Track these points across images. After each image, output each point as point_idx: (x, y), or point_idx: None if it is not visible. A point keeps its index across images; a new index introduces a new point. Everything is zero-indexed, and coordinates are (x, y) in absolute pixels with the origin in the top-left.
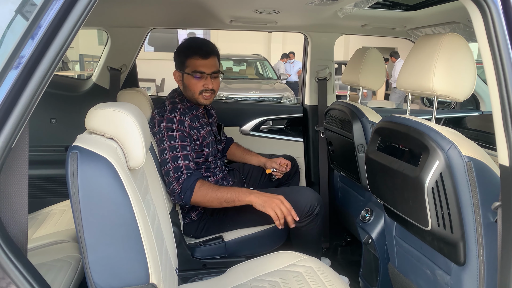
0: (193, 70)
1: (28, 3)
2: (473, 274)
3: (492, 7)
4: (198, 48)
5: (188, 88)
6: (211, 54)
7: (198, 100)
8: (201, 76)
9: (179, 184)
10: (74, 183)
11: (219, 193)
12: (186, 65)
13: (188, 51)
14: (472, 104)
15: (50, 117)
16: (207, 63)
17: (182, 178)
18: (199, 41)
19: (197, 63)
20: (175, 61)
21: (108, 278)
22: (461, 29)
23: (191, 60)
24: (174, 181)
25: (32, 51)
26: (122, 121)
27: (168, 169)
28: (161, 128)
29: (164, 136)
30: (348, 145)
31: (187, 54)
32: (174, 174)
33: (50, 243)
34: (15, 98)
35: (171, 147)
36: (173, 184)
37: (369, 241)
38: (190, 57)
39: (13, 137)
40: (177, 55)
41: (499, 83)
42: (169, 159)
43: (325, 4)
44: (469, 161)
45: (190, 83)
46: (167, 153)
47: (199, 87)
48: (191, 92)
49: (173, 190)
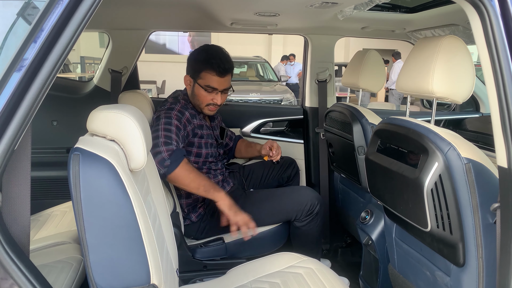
0: (207, 84)
1: (29, 6)
2: (472, 275)
3: (490, 10)
4: (217, 64)
5: (196, 98)
6: (228, 72)
7: (202, 110)
8: (212, 91)
9: (168, 150)
10: (76, 185)
11: (201, 177)
12: (201, 77)
13: (206, 63)
14: (471, 106)
15: (52, 119)
16: (222, 81)
17: (172, 147)
18: (219, 56)
19: (213, 79)
20: (189, 65)
21: (110, 279)
22: (461, 31)
23: (207, 74)
24: (163, 146)
25: (35, 54)
26: (123, 123)
27: (158, 135)
28: (160, 114)
29: (162, 116)
30: (348, 147)
31: (204, 66)
32: (164, 140)
33: (51, 245)
34: (18, 101)
35: (166, 122)
36: (160, 147)
37: (369, 242)
38: (207, 70)
39: (16, 139)
40: (194, 62)
41: (497, 85)
42: (161, 129)
43: (325, 6)
44: (468, 163)
45: (200, 94)
46: (161, 125)
47: (207, 100)
48: (198, 102)
49: (159, 153)
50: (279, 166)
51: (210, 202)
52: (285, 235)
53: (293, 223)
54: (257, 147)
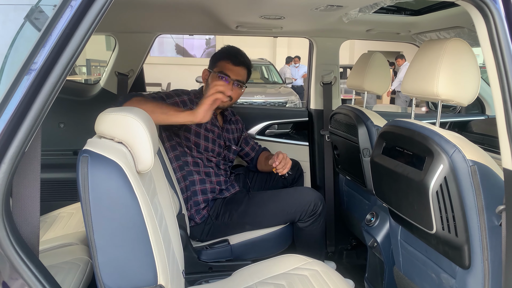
0: (220, 70)
1: (36, 11)
2: (478, 278)
3: (494, 12)
4: (233, 55)
5: (210, 86)
6: (242, 64)
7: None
8: (225, 79)
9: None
10: (85, 186)
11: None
12: (216, 65)
13: (223, 54)
14: (477, 108)
15: (59, 121)
16: (235, 70)
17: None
18: (237, 50)
19: (226, 66)
20: (210, 60)
21: (118, 280)
22: (466, 33)
23: (222, 62)
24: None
25: (45, 58)
26: (131, 126)
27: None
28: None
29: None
30: (353, 149)
31: (221, 57)
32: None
33: (58, 246)
34: (28, 104)
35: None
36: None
37: (375, 244)
38: (223, 60)
39: (26, 141)
40: (214, 56)
41: (502, 87)
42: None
43: (330, 9)
44: (473, 165)
45: (211, 81)
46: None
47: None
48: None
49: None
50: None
51: (213, 205)
52: (290, 237)
53: (296, 224)
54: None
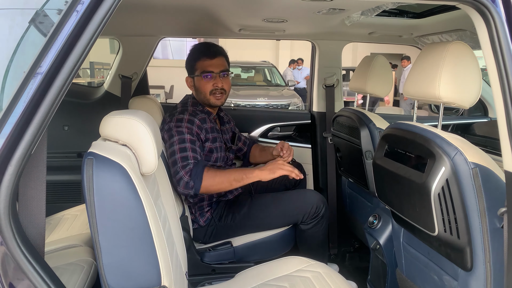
0: (202, 71)
1: (41, 15)
2: (480, 280)
3: (495, 16)
4: (205, 49)
5: (199, 90)
6: (218, 55)
7: (210, 101)
8: (210, 76)
9: (187, 172)
10: (90, 188)
11: (227, 173)
12: (196, 68)
13: (195, 54)
14: (480, 111)
15: (63, 124)
16: (215, 63)
17: (190, 166)
18: (205, 44)
19: (205, 64)
20: (187, 68)
21: (122, 281)
22: (468, 36)
23: (200, 62)
24: (181, 169)
25: (51, 62)
26: (135, 128)
27: (175, 159)
28: (170, 126)
29: (174, 131)
30: (355, 152)
31: (195, 58)
32: (182, 163)
33: (63, 247)
34: (35, 107)
35: (180, 139)
36: (179, 173)
37: (377, 247)
38: (198, 59)
39: (33, 144)
40: (188, 61)
41: (503, 90)
42: (177, 150)
43: (332, 13)
44: (475, 167)
45: (200, 84)
46: (176, 145)
47: (209, 87)
48: (202, 94)
49: (181, 179)
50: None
51: (216, 207)
52: (293, 239)
53: (299, 226)
54: (270, 150)
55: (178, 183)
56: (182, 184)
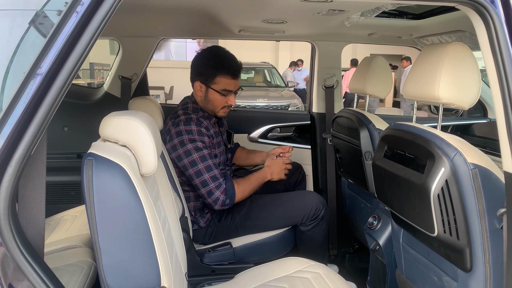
0: (223, 88)
1: (41, 16)
2: (479, 280)
3: (494, 17)
4: (231, 67)
5: (211, 102)
6: (240, 74)
7: (217, 114)
8: (227, 94)
9: (222, 192)
10: (89, 189)
11: (252, 184)
12: (215, 82)
13: (220, 68)
14: (479, 111)
15: (63, 124)
16: (235, 83)
17: (223, 185)
18: (231, 58)
19: (228, 82)
20: (198, 71)
21: (122, 281)
22: (467, 37)
23: (222, 78)
24: (216, 190)
25: (51, 64)
26: (135, 129)
27: (205, 180)
28: (184, 141)
29: (191, 149)
30: (355, 152)
31: (218, 71)
32: (214, 184)
33: (62, 248)
34: (35, 108)
35: (201, 157)
36: (215, 193)
37: (377, 248)
38: (222, 75)
39: (32, 145)
40: (205, 67)
41: (503, 91)
42: (203, 170)
43: (332, 14)
44: (475, 168)
45: (215, 98)
46: (200, 164)
47: (223, 103)
48: (212, 106)
49: (217, 199)
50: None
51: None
52: (293, 240)
53: (299, 228)
54: (259, 155)
55: (215, 202)
56: (219, 203)
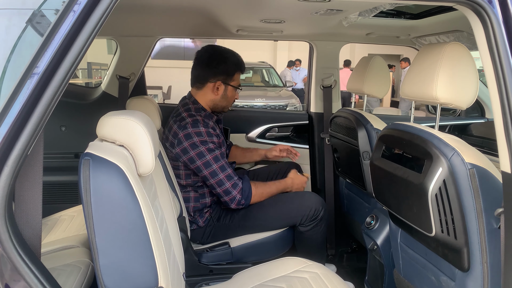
0: (239, 84)
1: (38, 15)
2: (477, 280)
3: (492, 17)
4: (241, 63)
5: (227, 99)
6: None
7: (225, 109)
8: (239, 89)
9: (239, 191)
10: (87, 189)
11: (270, 190)
12: (234, 79)
13: (237, 66)
14: (477, 111)
15: (60, 124)
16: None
17: (239, 185)
18: (239, 56)
19: (240, 77)
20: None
21: (119, 282)
22: (465, 37)
23: (238, 75)
24: (233, 189)
25: (48, 63)
26: (132, 129)
27: (221, 179)
28: (195, 143)
29: (204, 150)
30: (353, 152)
31: (236, 69)
32: (230, 182)
33: (60, 248)
34: (31, 108)
35: (214, 158)
36: (232, 193)
37: (375, 247)
38: (237, 72)
39: (29, 144)
40: (229, 66)
41: (500, 90)
42: (218, 170)
43: (330, 13)
44: (472, 168)
45: (232, 95)
46: (214, 164)
47: (235, 98)
48: (226, 103)
49: (234, 198)
50: (284, 171)
51: (216, 207)
52: (291, 240)
53: (297, 228)
54: (256, 153)
55: (231, 201)
56: (234, 202)
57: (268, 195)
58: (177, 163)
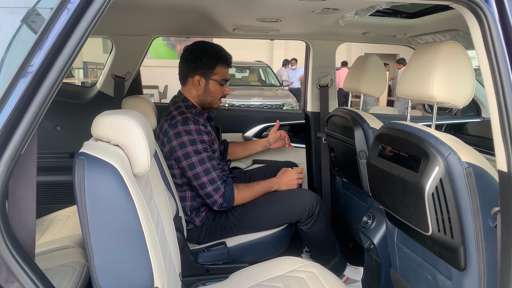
0: (223, 78)
1: (33, 14)
2: (473, 279)
3: (488, 16)
4: (225, 56)
5: (211, 94)
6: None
7: (214, 105)
8: (224, 84)
9: (221, 195)
10: (81, 189)
11: (253, 192)
12: (215, 72)
13: (219, 57)
14: (473, 110)
15: (55, 124)
16: (228, 70)
17: (221, 189)
18: (222, 49)
19: (225, 71)
20: (198, 64)
21: (114, 282)
22: (461, 36)
23: (221, 68)
24: (215, 193)
25: (42, 61)
26: (127, 129)
27: (203, 182)
28: (184, 142)
29: (190, 151)
30: (349, 151)
31: (217, 61)
32: (212, 187)
33: (55, 249)
34: (24, 107)
35: (199, 160)
36: (214, 196)
37: (371, 246)
38: (219, 64)
39: (22, 144)
40: (206, 59)
41: (497, 90)
42: (201, 173)
43: (326, 12)
44: (469, 167)
45: (216, 89)
46: (198, 167)
47: (221, 93)
48: (212, 98)
49: (216, 201)
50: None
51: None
52: (287, 239)
53: (300, 228)
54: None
55: (213, 204)
56: (216, 205)
57: (253, 196)
58: (171, 162)
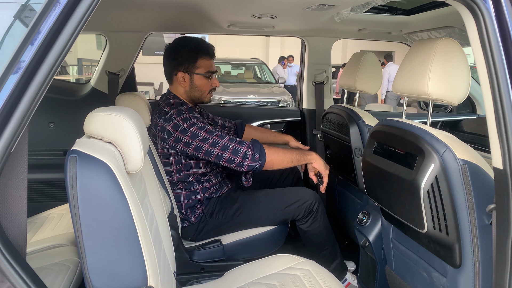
0: (207, 70)
1: (26, 9)
2: (468, 276)
3: (485, 12)
4: (206, 48)
5: (198, 88)
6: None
7: (204, 99)
8: (210, 76)
9: (247, 146)
10: (73, 187)
11: (288, 151)
12: (198, 66)
13: (199, 50)
14: (468, 108)
15: (49, 121)
16: (213, 63)
17: (245, 142)
18: (202, 41)
19: (209, 63)
20: (179, 61)
21: (107, 281)
22: (457, 33)
23: (203, 61)
24: (240, 146)
25: (32, 56)
26: (120, 126)
27: (224, 144)
28: (184, 129)
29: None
30: (345, 149)
31: (197, 54)
32: (234, 143)
33: (48, 247)
34: (15, 103)
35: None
36: (240, 150)
37: (367, 244)
38: (201, 57)
39: (12, 141)
40: (186, 54)
41: (492, 87)
42: (217, 139)
43: (321, 9)
44: (464, 164)
45: (202, 83)
46: (211, 137)
47: (209, 86)
48: (200, 92)
49: (245, 154)
50: (280, 173)
51: (208, 203)
52: (283, 237)
53: (298, 227)
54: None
55: (244, 158)
56: (248, 158)
57: (286, 156)
58: (168, 159)
